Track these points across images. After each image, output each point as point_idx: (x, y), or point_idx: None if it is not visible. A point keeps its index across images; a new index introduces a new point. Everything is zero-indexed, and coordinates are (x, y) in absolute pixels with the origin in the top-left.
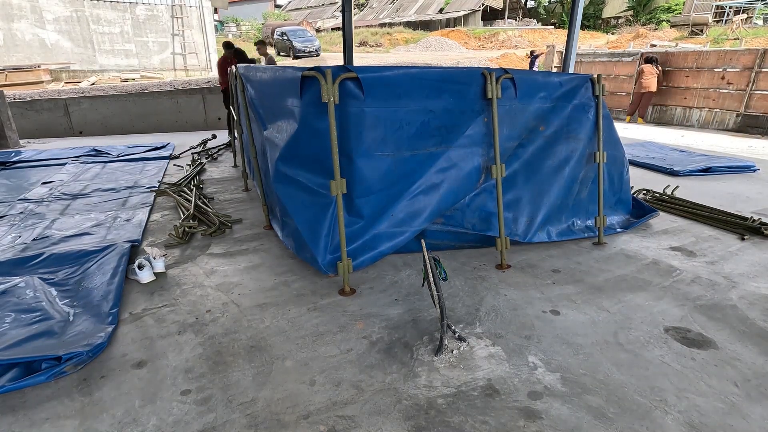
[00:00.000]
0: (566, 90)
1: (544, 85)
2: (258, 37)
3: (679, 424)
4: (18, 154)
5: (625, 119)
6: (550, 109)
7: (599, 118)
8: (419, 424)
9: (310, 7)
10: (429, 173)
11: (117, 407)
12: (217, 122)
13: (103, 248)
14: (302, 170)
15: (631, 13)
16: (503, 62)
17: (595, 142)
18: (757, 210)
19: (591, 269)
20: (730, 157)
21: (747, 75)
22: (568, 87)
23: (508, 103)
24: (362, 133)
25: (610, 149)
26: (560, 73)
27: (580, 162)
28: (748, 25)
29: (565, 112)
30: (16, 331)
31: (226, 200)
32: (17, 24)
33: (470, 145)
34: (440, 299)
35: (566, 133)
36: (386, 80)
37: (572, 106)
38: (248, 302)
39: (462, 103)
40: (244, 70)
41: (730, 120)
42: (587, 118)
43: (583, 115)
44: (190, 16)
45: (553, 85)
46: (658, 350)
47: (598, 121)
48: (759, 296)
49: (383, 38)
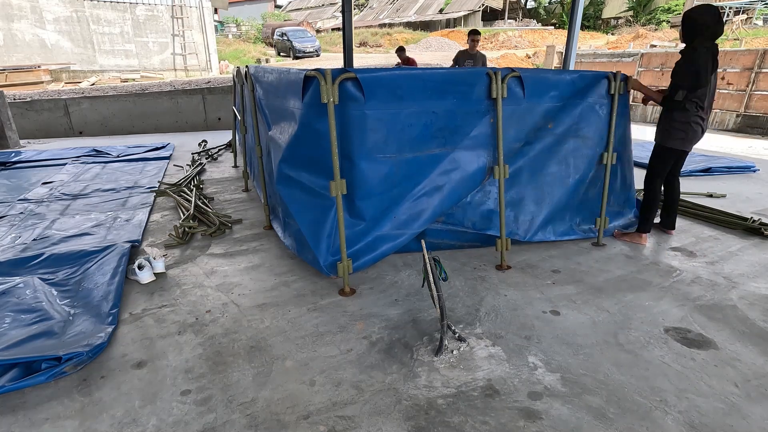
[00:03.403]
0: (579, 88)
1: (555, 83)
2: (258, 37)
3: (679, 424)
4: (18, 155)
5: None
6: (561, 107)
7: (613, 117)
8: (419, 425)
9: (310, 7)
10: (432, 175)
11: (117, 407)
12: (216, 122)
13: (103, 248)
14: (304, 171)
15: (630, 14)
16: (503, 62)
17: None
18: (757, 210)
19: (591, 269)
20: (730, 158)
21: (747, 75)
22: (582, 84)
23: (516, 102)
24: (363, 135)
25: (625, 149)
26: (573, 71)
27: (591, 162)
28: (748, 26)
29: (576, 111)
30: (16, 332)
31: (226, 200)
32: (17, 24)
33: (475, 147)
34: (440, 299)
35: (575, 132)
36: (387, 82)
37: (585, 105)
38: (248, 302)
39: (466, 104)
40: (254, 71)
41: (730, 120)
42: (600, 117)
43: (596, 114)
44: (190, 17)
45: (564, 83)
46: (658, 350)
47: (611, 121)
48: (759, 296)
49: (383, 39)
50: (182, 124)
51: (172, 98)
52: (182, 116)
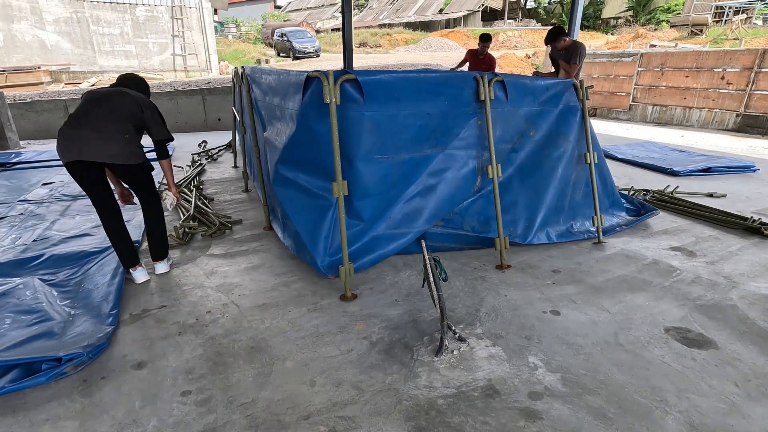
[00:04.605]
0: (552, 94)
1: (531, 89)
2: (258, 37)
3: (679, 424)
4: (18, 155)
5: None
6: (539, 112)
7: (586, 121)
8: (420, 425)
9: (309, 8)
10: (424, 175)
11: (117, 408)
12: (216, 123)
13: (103, 249)
14: (302, 172)
15: (630, 14)
16: (503, 63)
17: (583, 145)
18: (757, 210)
19: (591, 269)
20: (730, 157)
21: (747, 75)
22: (553, 91)
23: (499, 105)
24: (362, 136)
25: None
26: (546, 78)
27: (570, 164)
28: (748, 26)
29: (552, 116)
30: (17, 332)
31: (226, 201)
32: (17, 25)
33: (464, 147)
34: (440, 300)
35: (555, 136)
36: (385, 84)
37: (559, 111)
38: (248, 303)
39: (456, 106)
40: (250, 72)
41: (729, 120)
42: (574, 121)
43: (570, 119)
44: (190, 17)
45: (539, 89)
46: (659, 350)
47: (585, 124)
48: (759, 296)
49: (383, 39)
50: (182, 125)
51: (172, 99)
52: (182, 117)
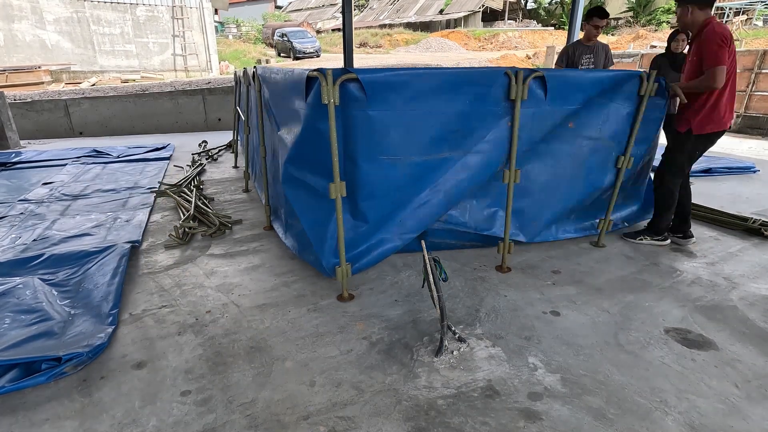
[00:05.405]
0: (606, 88)
1: (579, 83)
2: (258, 37)
3: (679, 425)
4: (18, 155)
5: None
6: (584, 108)
7: (637, 121)
8: (419, 425)
9: (310, 8)
10: (442, 179)
11: (117, 408)
12: (216, 123)
13: (103, 249)
14: (309, 172)
15: (630, 14)
16: (503, 63)
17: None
18: (757, 211)
19: (591, 270)
20: (730, 158)
21: (747, 76)
22: (609, 84)
23: (535, 105)
24: (366, 136)
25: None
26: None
27: (606, 166)
28: (748, 26)
29: (601, 112)
30: (16, 332)
31: (226, 201)
32: (18, 25)
33: (491, 151)
34: (440, 300)
35: (597, 134)
36: (390, 82)
37: (612, 106)
38: (248, 303)
39: (482, 105)
40: (261, 72)
41: None
42: (626, 119)
43: (622, 116)
44: (190, 17)
45: (589, 82)
46: (659, 351)
47: (635, 124)
48: (759, 297)
49: (383, 39)
50: (182, 125)
51: (173, 99)
52: (182, 117)
